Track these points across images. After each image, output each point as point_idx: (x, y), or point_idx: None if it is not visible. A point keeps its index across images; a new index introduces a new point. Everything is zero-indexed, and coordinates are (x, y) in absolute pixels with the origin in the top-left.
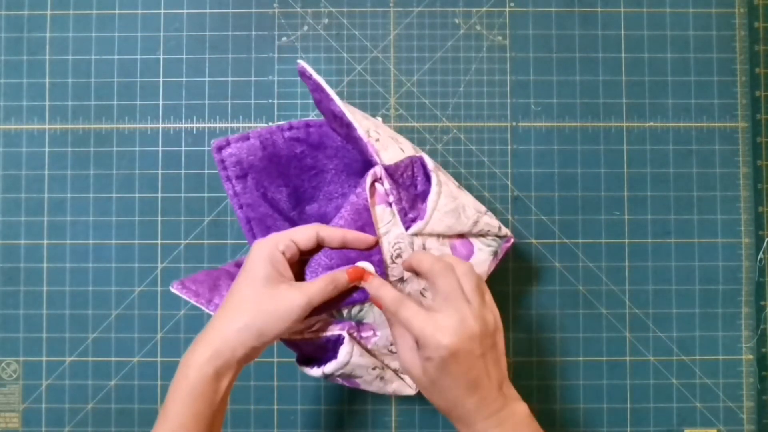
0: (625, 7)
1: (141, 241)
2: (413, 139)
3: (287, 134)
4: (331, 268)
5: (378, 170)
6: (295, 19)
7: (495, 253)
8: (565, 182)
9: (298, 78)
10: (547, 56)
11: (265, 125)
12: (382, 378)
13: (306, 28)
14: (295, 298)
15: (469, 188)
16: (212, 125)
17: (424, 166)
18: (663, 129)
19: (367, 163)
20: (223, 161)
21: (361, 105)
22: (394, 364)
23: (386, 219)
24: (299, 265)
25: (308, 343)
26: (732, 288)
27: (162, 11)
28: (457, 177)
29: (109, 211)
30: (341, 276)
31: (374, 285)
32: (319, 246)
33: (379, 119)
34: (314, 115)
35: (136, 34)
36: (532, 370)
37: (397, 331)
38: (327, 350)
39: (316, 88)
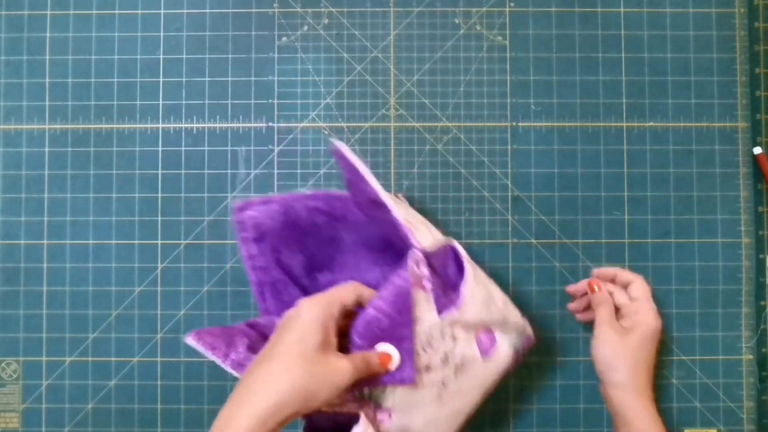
0: (625, 7)
1: (141, 241)
2: (413, 139)
3: (311, 204)
4: (362, 348)
5: (418, 255)
6: (295, 19)
7: (515, 349)
8: (565, 182)
9: (298, 78)
10: (547, 56)
11: (262, 123)
12: None
13: (306, 28)
14: (345, 368)
15: (469, 188)
16: (212, 125)
17: (456, 254)
18: (663, 129)
19: (388, 242)
20: (242, 222)
21: (361, 105)
22: None
23: (422, 305)
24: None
25: (322, 416)
26: (732, 288)
27: (162, 11)
28: (457, 177)
29: (109, 211)
30: (374, 358)
31: (598, 298)
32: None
33: (402, 198)
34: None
35: (136, 34)
36: (532, 370)
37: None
38: (339, 424)
39: (352, 171)
